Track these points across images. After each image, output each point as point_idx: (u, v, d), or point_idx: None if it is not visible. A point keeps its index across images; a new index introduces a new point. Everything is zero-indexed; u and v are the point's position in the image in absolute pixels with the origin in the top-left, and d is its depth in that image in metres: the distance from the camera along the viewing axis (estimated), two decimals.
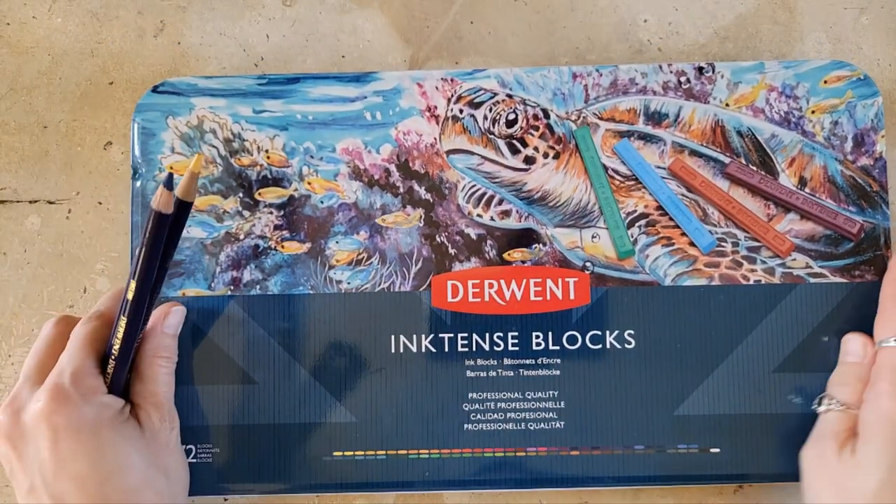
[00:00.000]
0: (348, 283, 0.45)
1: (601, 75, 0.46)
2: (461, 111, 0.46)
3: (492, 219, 0.46)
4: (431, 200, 0.46)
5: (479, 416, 0.45)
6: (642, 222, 0.45)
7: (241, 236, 0.46)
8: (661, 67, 0.46)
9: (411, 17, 0.50)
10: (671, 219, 0.45)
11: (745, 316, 0.45)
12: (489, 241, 0.45)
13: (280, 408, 0.44)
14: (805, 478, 0.42)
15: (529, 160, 0.46)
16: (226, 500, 0.48)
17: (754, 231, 0.45)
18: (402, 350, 0.45)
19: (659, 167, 0.46)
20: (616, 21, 0.50)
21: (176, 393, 0.44)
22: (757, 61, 0.47)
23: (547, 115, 0.46)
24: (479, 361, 0.45)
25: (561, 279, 0.45)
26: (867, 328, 0.44)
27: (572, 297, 0.45)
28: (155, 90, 0.46)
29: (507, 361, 0.45)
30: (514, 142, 0.46)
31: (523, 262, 0.45)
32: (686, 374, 0.44)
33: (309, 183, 0.46)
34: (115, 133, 0.49)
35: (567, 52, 0.49)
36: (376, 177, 0.46)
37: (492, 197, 0.46)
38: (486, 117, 0.46)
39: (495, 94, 0.46)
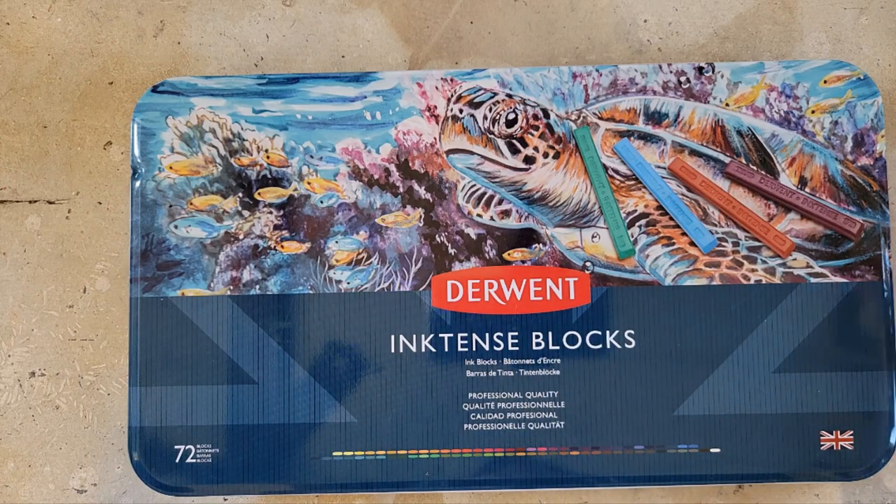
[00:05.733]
0: (348, 283, 0.45)
1: (601, 75, 0.46)
2: (461, 111, 0.46)
3: (492, 219, 0.45)
4: (431, 200, 0.46)
5: (479, 416, 0.44)
6: (642, 222, 0.45)
7: (241, 236, 0.46)
8: (661, 67, 0.46)
9: (411, 17, 0.50)
10: (671, 218, 0.45)
11: (745, 316, 0.45)
12: (489, 241, 0.45)
13: (280, 408, 0.44)
14: None
15: (529, 160, 0.46)
16: (226, 500, 0.48)
17: (755, 231, 0.45)
18: (401, 350, 0.45)
19: (659, 167, 0.46)
20: (616, 21, 0.50)
21: (175, 393, 0.44)
22: (757, 61, 0.47)
23: (547, 115, 0.46)
24: (479, 361, 0.45)
25: (561, 279, 0.45)
26: (867, 327, 0.44)
27: (572, 296, 0.45)
28: (155, 90, 0.46)
29: (507, 361, 0.45)
30: (514, 141, 0.46)
31: (523, 262, 0.45)
32: (686, 374, 0.44)
33: (309, 183, 0.46)
34: (114, 133, 0.49)
35: (567, 52, 0.49)
36: (376, 176, 0.46)
37: (492, 197, 0.46)
38: (485, 117, 0.46)
39: (495, 94, 0.46)
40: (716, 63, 0.46)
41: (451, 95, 0.46)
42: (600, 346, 0.45)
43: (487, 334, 0.45)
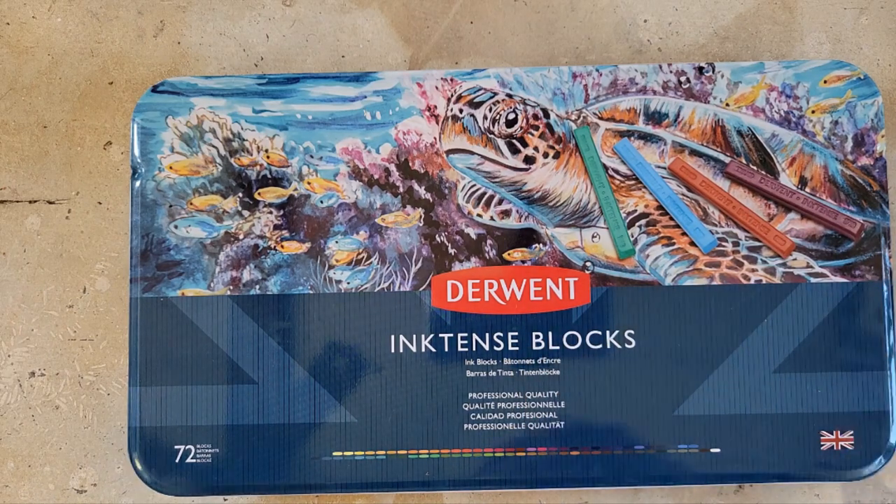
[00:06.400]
0: (348, 283, 0.45)
1: (601, 75, 0.46)
2: (461, 111, 0.46)
3: (492, 218, 0.45)
4: (431, 200, 0.46)
5: (479, 416, 0.44)
6: (642, 222, 0.45)
7: (241, 236, 0.46)
8: (661, 67, 0.46)
9: (411, 17, 0.50)
10: (671, 218, 0.45)
11: (745, 316, 0.45)
12: (489, 241, 0.45)
13: (280, 408, 0.44)
14: None
15: (529, 160, 0.46)
16: (225, 500, 0.48)
17: (755, 231, 0.45)
18: (401, 350, 0.45)
19: (659, 167, 0.46)
20: (616, 21, 0.50)
21: (175, 393, 0.44)
22: (757, 61, 0.47)
23: (547, 115, 0.46)
24: (479, 361, 0.45)
25: (561, 279, 0.45)
26: (868, 328, 0.44)
27: (572, 296, 0.45)
28: (155, 90, 0.46)
29: (507, 361, 0.45)
30: (514, 141, 0.46)
31: (523, 261, 0.45)
32: (686, 374, 0.44)
33: (309, 183, 0.46)
34: (114, 133, 0.49)
35: (567, 52, 0.49)
36: (376, 176, 0.46)
37: (492, 197, 0.46)
38: (485, 117, 0.46)
39: (495, 94, 0.46)
40: (716, 63, 0.46)
41: (451, 95, 0.46)
42: (600, 346, 0.45)
43: (487, 334, 0.45)
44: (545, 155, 0.46)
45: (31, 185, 0.49)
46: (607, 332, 0.45)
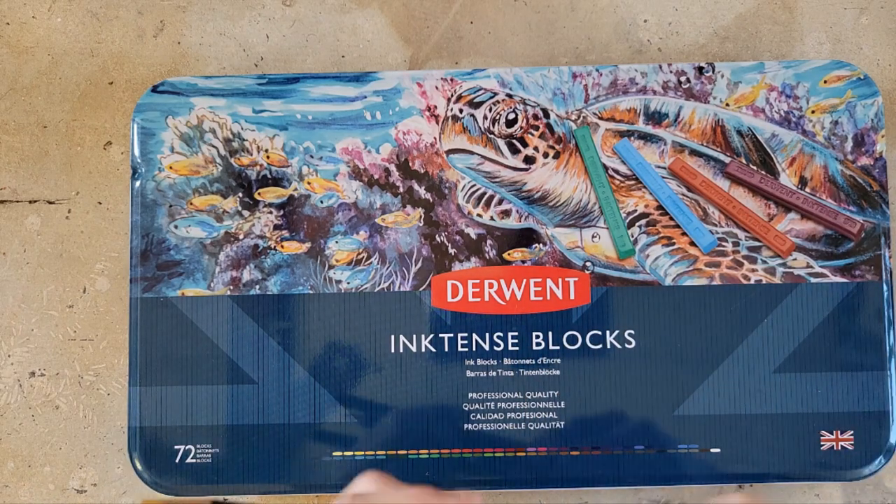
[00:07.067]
0: (348, 283, 0.45)
1: (601, 75, 0.46)
2: (461, 111, 0.46)
3: (492, 218, 0.45)
4: (431, 200, 0.46)
5: (479, 416, 0.44)
6: (642, 222, 0.45)
7: (241, 236, 0.46)
8: (661, 67, 0.46)
9: (411, 17, 0.50)
10: (671, 218, 0.45)
11: (745, 316, 0.45)
12: (489, 241, 0.45)
13: (280, 408, 0.44)
14: None
15: (529, 160, 0.46)
16: (226, 500, 0.48)
17: (755, 231, 0.45)
18: (402, 350, 0.45)
19: (659, 167, 0.46)
20: (616, 21, 0.50)
21: (176, 393, 0.44)
22: (757, 61, 0.47)
23: (547, 115, 0.46)
24: (479, 361, 0.45)
25: (561, 279, 0.45)
26: (867, 327, 0.44)
27: (572, 296, 0.45)
28: (155, 90, 0.46)
29: (507, 361, 0.45)
30: (514, 141, 0.46)
31: (523, 261, 0.45)
32: (686, 374, 0.44)
33: (309, 183, 0.46)
34: (114, 133, 0.49)
35: (567, 52, 0.49)
36: (376, 176, 0.46)
37: (492, 197, 0.46)
38: (485, 117, 0.46)
39: (495, 94, 0.46)
40: (716, 63, 0.46)
41: (451, 95, 0.46)
42: (600, 346, 0.45)
43: (487, 334, 0.45)
44: (545, 155, 0.46)
45: (31, 185, 0.49)
46: (607, 332, 0.45)
